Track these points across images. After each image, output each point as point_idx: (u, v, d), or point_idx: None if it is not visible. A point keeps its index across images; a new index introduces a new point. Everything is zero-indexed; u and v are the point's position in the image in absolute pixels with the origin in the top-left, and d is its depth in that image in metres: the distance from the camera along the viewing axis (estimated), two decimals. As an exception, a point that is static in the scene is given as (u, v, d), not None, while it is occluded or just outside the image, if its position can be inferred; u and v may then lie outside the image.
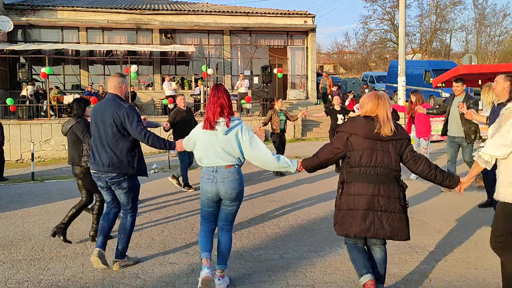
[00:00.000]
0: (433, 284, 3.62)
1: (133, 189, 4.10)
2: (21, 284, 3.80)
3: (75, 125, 4.86)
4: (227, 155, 3.43)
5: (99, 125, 3.99)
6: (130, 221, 4.13)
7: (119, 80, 4.09)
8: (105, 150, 3.96)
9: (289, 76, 21.59)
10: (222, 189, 3.43)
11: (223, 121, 3.42)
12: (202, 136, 3.51)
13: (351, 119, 3.24)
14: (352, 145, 3.07)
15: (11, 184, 9.52)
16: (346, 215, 3.09)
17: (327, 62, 48.62)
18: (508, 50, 36.63)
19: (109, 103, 4.00)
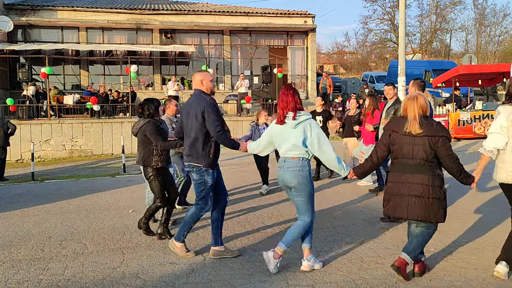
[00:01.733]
0: (433, 284, 3.62)
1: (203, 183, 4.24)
2: (21, 284, 3.80)
3: (145, 125, 4.83)
4: (294, 147, 3.78)
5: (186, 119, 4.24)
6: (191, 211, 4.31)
7: (197, 76, 4.33)
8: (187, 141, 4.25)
9: (289, 76, 21.59)
10: (287, 178, 3.82)
11: (290, 115, 3.79)
12: (279, 130, 3.89)
13: (393, 118, 3.82)
14: (394, 140, 3.62)
15: (11, 184, 9.53)
16: (388, 198, 3.67)
17: (327, 62, 48.62)
18: (508, 50, 36.62)
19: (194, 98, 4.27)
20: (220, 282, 3.73)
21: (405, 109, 3.59)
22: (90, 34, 19.67)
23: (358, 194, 7.03)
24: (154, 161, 4.81)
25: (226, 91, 19.86)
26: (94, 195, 7.58)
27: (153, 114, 4.91)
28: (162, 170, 4.90)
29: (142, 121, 4.89)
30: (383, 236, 4.90)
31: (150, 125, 4.81)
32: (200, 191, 4.23)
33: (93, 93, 17.12)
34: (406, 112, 3.57)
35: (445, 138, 3.48)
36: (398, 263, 3.57)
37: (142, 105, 4.97)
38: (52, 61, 17.59)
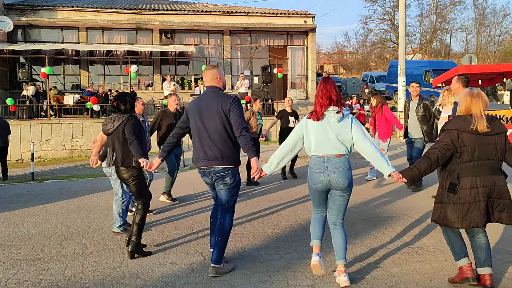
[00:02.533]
0: (433, 284, 3.62)
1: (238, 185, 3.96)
2: (21, 284, 3.80)
3: (126, 122, 4.38)
4: (339, 144, 3.48)
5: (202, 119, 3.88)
6: (228, 222, 3.92)
7: (212, 71, 3.98)
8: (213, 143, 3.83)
9: (289, 76, 21.59)
10: (334, 179, 3.48)
11: (334, 109, 3.50)
12: (315, 126, 3.54)
13: (457, 117, 3.38)
14: (464, 141, 3.28)
15: (11, 184, 9.52)
16: (467, 208, 3.28)
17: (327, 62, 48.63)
18: (508, 50, 36.64)
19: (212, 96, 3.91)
20: (220, 282, 3.72)
21: (468, 106, 3.33)
22: (90, 34, 19.67)
23: (358, 194, 7.03)
24: (136, 162, 4.35)
25: (226, 91, 19.82)
26: (94, 195, 7.57)
27: (130, 109, 4.51)
28: (142, 171, 4.51)
29: (121, 117, 4.42)
30: (383, 236, 4.90)
31: (132, 122, 4.39)
32: (233, 195, 3.92)
33: (93, 93, 17.13)
34: (470, 110, 3.32)
35: (505, 133, 3.32)
36: (489, 282, 3.35)
37: (116, 99, 4.51)
38: (52, 61, 17.61)
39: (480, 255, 3.42)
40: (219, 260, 3.83)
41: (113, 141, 4.44)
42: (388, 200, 6.59)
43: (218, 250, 3.83)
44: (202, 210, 6.24)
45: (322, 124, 3.52)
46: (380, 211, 5.94)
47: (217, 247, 3.84)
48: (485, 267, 3.38)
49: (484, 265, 3.39)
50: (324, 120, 3.52)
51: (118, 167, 4.45)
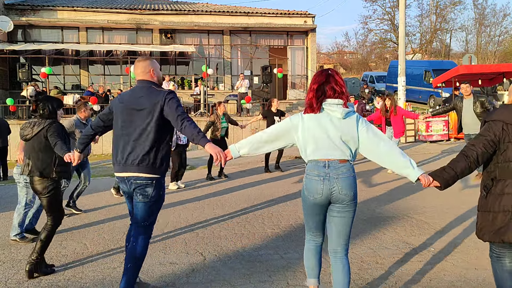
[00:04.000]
0: (433, 284, 3.62)
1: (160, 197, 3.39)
2: (21, 284, 3.80)
3: (48, 127, 3.99)
4: (343, 146, 2.78)
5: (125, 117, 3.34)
6: (143, 243, 3.30)
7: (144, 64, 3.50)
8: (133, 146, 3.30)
9: (289, 76, 21.59)
10: (337, 188, 2.76)
11: (337, 102, 2.78)
12: (312, 123, 2.81)
13: (504, 106, 2.72)
14: (510, 135, 2.59)
15: (11, 184, 9.52)
16: (500, 218, 2.61)
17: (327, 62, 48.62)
18: (508, 50, 36.63)
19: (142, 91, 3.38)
20: (220, 282, 3.72)
21: None
22: (90, 34, 19.67)
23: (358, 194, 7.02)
24: (56, 172, 3.96)
25: (226, 91, 19.87)
26: (94, 195, 7.57)
27: (50, 115, 4.09)
28: (59, 183, 4.11)
29: (42, 122, 4.02)
30: (383, 236, 4.89)
31: (55, 127, 4.01)
32: (152, 212, 3.35)
33: (93, 93, 17.13)
34: None
35: None
36: None
37: (37, 102, 4.10)
38: (52, 61, 17.62)
39: None
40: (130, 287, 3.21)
41: (31, 148, 4.03)
42: (388, 200, 6.58)
43: (127, 279, 3.19)
44: (202, 211, 6.24)
45: (321, 120, 2.79)
46: (380, 211, 5.93)
47: (126, 275, 3.20)
48: None
49: None
50: (323, 114, 2.80)
51: (32, 177, 3.99)
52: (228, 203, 6.63)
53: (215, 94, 19.47)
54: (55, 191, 4.00)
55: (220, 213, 6.05)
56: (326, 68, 2.99)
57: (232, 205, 6.52)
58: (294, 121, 2.91)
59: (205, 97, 16.83)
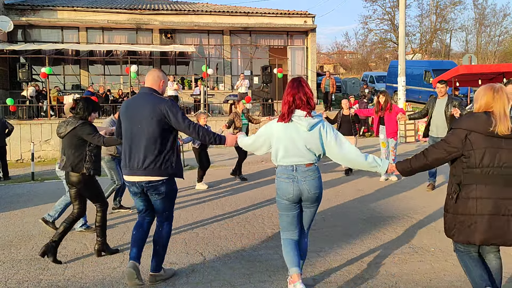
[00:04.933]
0: (433, 284, 3.62)
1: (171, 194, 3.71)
2: (21, 284, 3.80)
3: (79, 127, 4.33)
4: (309, 153, 3.19)
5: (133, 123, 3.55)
6: (167, 230, 3.74)
7: (159, 74, 3.71)
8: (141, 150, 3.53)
9: (289, 76, 21.56)
10: (305, 189, 3.20)
11: (303, 114, 3.16)
12: (282, 132, 3.22)
13: (468, 114, 2.89)
14: (472, 144, 2.75)
15: (11, 184, 9.52)
16: (466, 220, 2.79)
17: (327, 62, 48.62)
18: (508, 50, 36.63)
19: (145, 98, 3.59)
20: (220, 282, 3.73)
21: (489, 103, 2.78)
22: (90, 34, 19.66)
23: (358, 194, 7.03)
24: (86, 168, 4.32)
25: (226, 91, 19.86)
26: (94, 195, 7.57)
27: (86, 117, 4.44)
28: (94, 177, 4.48)
29: (75, 121, 4.36)
30: (383, 236, 4.90)
31: (85, 126, 4.33)
32: (171, 202, 3.77)
33: (93, 93, 17.12)
34: (490, 107, 2.78)
35: None
36: None
37: (78, 102, 4.45)
38: (52, 61, 17.59)
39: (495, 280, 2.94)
40: (158, 268, 3.73)
41: (65, 145, 4.41)
42: (388, 200, 6.59)
43: (157, 260, 3.72)
44: (202, 211, 6.24)
45: (289, 130, 3.19)
46: (380, 211, 5.93)
47: (155, 256, 3.71)
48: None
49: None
50: (291, 125, 3.19)
51: (67, 172, 4.39)
52: (228, 203, 6.63)
53: (215, 94, 19.47)
54: (89, 183, 4.40)
55: (220, 213, 6.05)
56: (297, 77, 3.32)
57: (232, 205, 6.52)
58: (269, 130, 3.32)
59: (205, 97, 16.82)
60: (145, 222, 3.78)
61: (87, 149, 4.35)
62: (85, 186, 4.38)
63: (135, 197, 3.70)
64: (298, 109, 3.18)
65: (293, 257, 3.31)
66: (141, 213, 3.77)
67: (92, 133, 4.30)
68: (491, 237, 2.75)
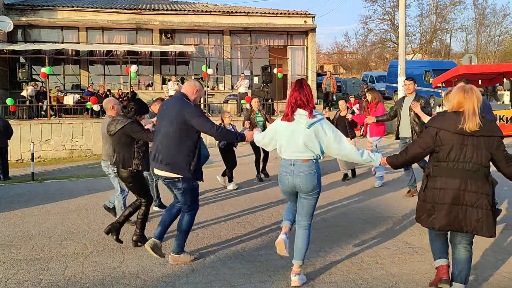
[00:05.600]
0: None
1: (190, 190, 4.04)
2: (21, 284, 3.80)
3: (128, 125, 4.55)
4: (306, 149, 3.48)
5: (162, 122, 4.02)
6: (186, 219, 4.11)
7: (195, 83, 4.15)
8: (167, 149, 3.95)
9: (289, 76, 21.56)
10: (298, 183, 3.51)
11: (304, 113, 3.46)
12: (284, 128, 3.56)
13: (440, 114, 3.26)
14: (441, 140, 3.10)
15: (11, 184, 9.53)
16: (431, 208, 3.17)
17: (327, 62, 48.63)
18: (508, 50, 36.64)
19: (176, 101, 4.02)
20: (220, 282, 3.73)
21: (460, 102, 3.06)
22: (90, 34, 19.66)
23: (358, 194, 7.03)
24: (135, 164, 4.57)
25: (226, 91, 19.86)
26: (94, 195, 7.57)
27: (135, 116, 4.67)
28: (142, 173, 4.73)
29: (124, 120, 4.60)
30: (383, 236, 4.90)
31: (134, 125, 4.57)
32: (191, 196, 4.08)
33: (93, 93, 17.13)
34: (462, 106, 3.06)
35: (500, 138, 3.05)
36: None
37: (130, 101, 4.73)
38: (52, 61, 17.58)
39: (455, 269, 3.30)
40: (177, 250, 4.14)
41: (115, 143, 4.68)
42: (388, 200, 6.59)
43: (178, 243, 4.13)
44: (202, 211, 6.24)
45: (291, 128, 3.51)
46: (380, 211, 5.94)
47: (176, 240, 4.13)
48: (457, 282, 3.26)
49: (457, 280, 3.26)
50: (294, 123, 3.50)
51: (118, 168, 4.68)
52: (228, 204, 6.63)
53: (215, 94, 19.47)
54: (137, 179, 4.63)
55: (220, 214, 6.05)
56: (300, 79, 3.61)
57: (232, 205, 6.52)
58: (275, 127, 3.67)
59: (205, 97, 16.82)
60: (175, 208, 4.25)
61: (135, 147, 4.61)
62: (133, 181, 4.62)
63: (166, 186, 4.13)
64: (300, 108, 3.47)
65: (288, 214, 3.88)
66: (174, 199, 4.25)
67: (140, 130, 4.56)
68: (448, 224, 3.12)
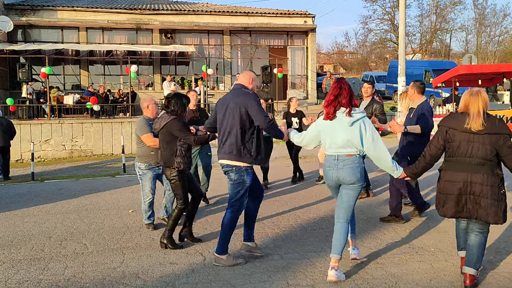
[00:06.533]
0: (433, 284, 3.62)
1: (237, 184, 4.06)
2: (21, 284, 3.80)
3: (170, 122, 4.46)
4: (349, 145, 3.65)
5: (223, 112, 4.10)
6: (227, 217, 4.09)
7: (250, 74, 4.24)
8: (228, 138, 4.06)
9: (289, 76, 21.59)
10: (341, 175, 3.67)
11: (345, 112, 3.63)
12: (327, 127, 3.73)
13: (450, 114, 3.65)
14: (451, 137, 3.49)
15: (11, 184, 9.52)
16: (444, 198, 3.57)
17: (327, 62, 48.61)
18: (508, 50, 36.64)
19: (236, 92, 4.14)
20: (220, 282, 3.73)
21: (467, 104, 3.45)
22: (90, 34, 19.67)
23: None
24: (177, 163, 4.49)
25: (226, 91, 19.85)
26: (94, 195, 7.57)
27: (178, 111, 4.55)
28: (184, 171, 4.61)
29: (167, 117, 4.51)
30: (383, 236, 4.89)
31: (176, 123, 4.47)
32: (239, 192, 4.07)
33: (93, 93, 17.13)
34: (468, 108, 3.45)
35: (507, 136, 3.38)
36: (468, 281, 3.46)
37: (169, 98, 4.62)
38: (52, 61, 17.59)
39: (467, 254, 3.57)
40: (218, 250, 4.08)
41: (160, 140, 4.63)
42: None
43: (221, 242, 4.09)
44: (202, 211, 6.23)
45: (333, 125, 3.68)
46: (380, 211, 5.93)
47: (220, 239, 4.10)
48: (468, 266, 3.51)
49: (467, 265, 3.52)
50: (336, 121, 3.66)
51: (162, 166, 4.66)
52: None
53: (215, 94, 19.47)
54: (178, 178, 4.53)
55: (220, 214, 6.04)
56: (340, 78, 3.79)
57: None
58: (318, 127, 3.86)
59: (205, 97, 16.82)
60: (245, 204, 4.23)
61: (178, 144, 4.52)
62: (175, 180, 4.54)
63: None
64: (342, 107, 3.64)
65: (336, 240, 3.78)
66: None
67: (181, 129, 4.46)
68: (458, 212, 3.52)
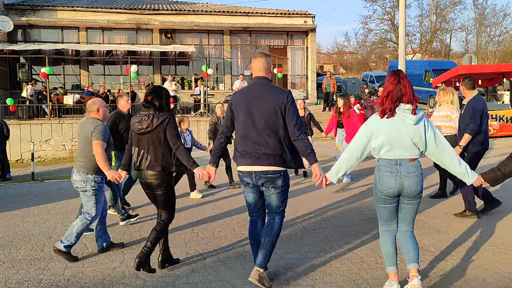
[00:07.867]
0: (433, 284, 3.62)
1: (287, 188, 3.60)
2: (21, 284, 3.80)
3: (167, 121, 3.80)
4: (413, 147, 3.17)
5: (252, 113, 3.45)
6: (279, 222, 3.59)
7: (266, 59, 3.57)
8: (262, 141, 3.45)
9: (289, 76, 21.59)
10: (407, 185, 3.17)
11: (409, 108, 3.13)
12: (386, 126, 3.16)
13: None
14: None
15: (11, 184, 9.52)
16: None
17: (327, 62, 48.63)
18: (508, 50, 36.65)
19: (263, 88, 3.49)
20: (220, 282, 3.73)
21: None
22: (90, 34, 19.67)
23: (358, 194, 7.02)
24: (176, 166, 3.86)
25: (226, 91, 19.86)
26: (94, 195, 7.56)
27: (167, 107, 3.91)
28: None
29: (162, 115, 3.80)
30: (383, 236, 4.89)
31: (174, 123, 3.83)
32: (284, 199, 3.62)
33: (93, 93, 17.12)
34: None
35: None
36: None
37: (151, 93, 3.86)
38: (52, 61, 17.59)
39: None
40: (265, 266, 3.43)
41: (150, 142, 3.82)
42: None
43: (265, 253, 3.44)
44: (202, 211, 6.24)
45: (395, 124, 3.14)
46: (380, 211, 5.92)
47: (263, 249, 3.45)
48: None
49: None
50: (397, 118, 3.14)
51: (147, 172, 3.83)
52: (228, 204, 6.62)
53: (215, 94, 19.47)
54: (171, 185, 3.94)
55: (220, 214, 6.05)
56: (397, 70, 3.27)
57: (232, 205, 6.51)
58: (370, 126, 3.25)
59: (205, 97, 16.82)
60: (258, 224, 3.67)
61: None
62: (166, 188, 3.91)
63: (249, 188, 3.59)
64: (402, 103, 3.14)
65: (392, 253, 3.38)
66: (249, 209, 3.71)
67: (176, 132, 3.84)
68: None
